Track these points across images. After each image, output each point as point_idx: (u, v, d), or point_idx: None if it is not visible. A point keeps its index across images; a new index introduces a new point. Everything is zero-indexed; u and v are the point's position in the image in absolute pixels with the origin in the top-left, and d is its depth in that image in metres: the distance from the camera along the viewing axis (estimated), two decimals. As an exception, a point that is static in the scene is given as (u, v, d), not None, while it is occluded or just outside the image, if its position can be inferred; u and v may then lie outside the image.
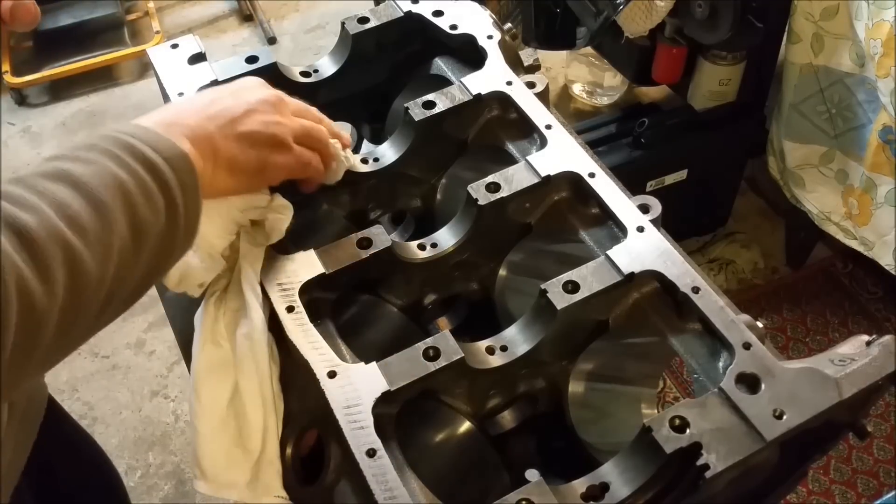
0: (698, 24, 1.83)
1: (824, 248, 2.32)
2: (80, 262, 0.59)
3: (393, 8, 1.10)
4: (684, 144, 2.10)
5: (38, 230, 0.57)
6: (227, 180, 0.79)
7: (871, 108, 1.82)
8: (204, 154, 0.75)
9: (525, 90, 1.00)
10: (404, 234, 1.08)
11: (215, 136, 0.76)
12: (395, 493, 0.69)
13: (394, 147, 1.00)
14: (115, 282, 0.63)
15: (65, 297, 0.59)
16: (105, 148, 0.66)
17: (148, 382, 2.26)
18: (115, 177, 0.64)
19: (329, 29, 3.23)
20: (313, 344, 0.79)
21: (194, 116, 0.76)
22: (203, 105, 0.78)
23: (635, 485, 0.70)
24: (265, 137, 0.80)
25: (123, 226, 0.63)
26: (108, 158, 0.65)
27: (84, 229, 0.60)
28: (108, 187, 0.63)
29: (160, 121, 0.73)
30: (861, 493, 1.91)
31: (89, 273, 0.60)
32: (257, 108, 0.80)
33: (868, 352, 0.76)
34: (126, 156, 0.66)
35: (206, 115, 0.77)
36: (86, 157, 0.65)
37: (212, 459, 0.81)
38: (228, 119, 0.78)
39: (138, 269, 0.67)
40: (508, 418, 0.89)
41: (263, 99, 0.82)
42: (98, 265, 0.61)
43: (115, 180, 0.64)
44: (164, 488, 2.06)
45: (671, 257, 0.83)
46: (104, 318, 0.66)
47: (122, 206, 0.64)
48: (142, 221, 0.65)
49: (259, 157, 0.80)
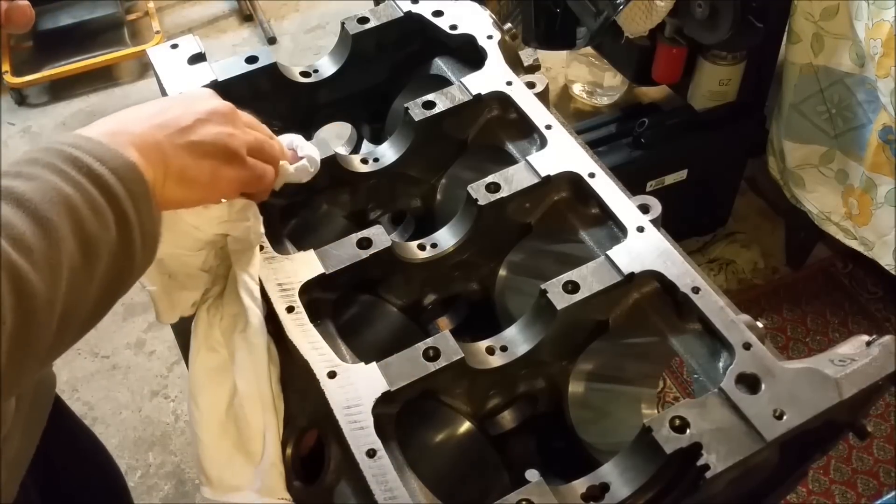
0: (698, 24, 1.83)
1: (824, 248, 2.32)
2: (26, 283, 0.57)
3: (393, 8, 1.10)
4: (684, 144, 2.10)
5: None
6: (178, 191, 0.75)
7: (871, 108, 1.82)
8: (153, 163, 0.71)
9: (525, 90, 1.00)
10: (404, 234, 1.08)
11: (164, 144, 0.73)
12: (395, 494, 0.69)
13: (394, 147, 1.00)
14: (68, 302, 0.61)
15: (13, 321, 0.56)
16: (48, 162, 0.63)
17: (148, 382, 2.26)
18: (59, 192, 0.61)
19: (329, 29, 3.23)
20: (313, 344, 0.79)
21: (141, 124, 0.73)
22: (151, 113, 0.75)
23: (635, 485, 0.70)
24: (217, 148, 0.76)
25: (71, 243, 0.61)
26: (52, 173, 0.62)
27: (30, 249, 0.58)
28: (53, 203, 0.60)
29: (105, 130, 0.70)
30: (861, 493, 1.91)
31: (38, 295, 0.58)
32: (209, 118, 0.77)
33: (868, 352, 0.76)
34: (70, 169, 0.63)
35: (154, 124, 0.73)
36: (28, 172, 0.62)
37: (216, 465, 0.81)
38: (179, 128, 0.74)
39: (94, 287, 0.64)
40: (508, 418, 0.89)
41: (215, 109, 0.79)
42: (47, 287, 0.58)
43: (59, 195, 0.61)
44: (164, 488, 2.06)
45: (671, 257, 0.83)
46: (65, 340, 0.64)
47: (69, 222, 0.61)
48: (91, 237, 0.62)
49: (211, 167, 0.76)
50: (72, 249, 0.61)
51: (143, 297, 2.40)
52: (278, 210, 0.97)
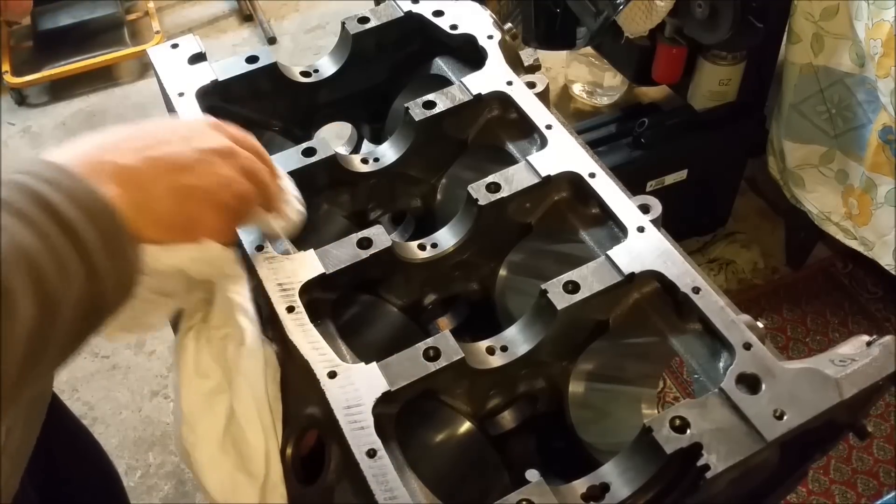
0: (698, 24, 1.83)
1: (824, 248, 2.32)
2: None
3: (393, 8, 1.10)
4: (684, 144, 2.10)
5: None
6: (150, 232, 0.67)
7: (871, 108, 1.82)
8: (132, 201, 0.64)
9: (525, 90, 1.00)
10: (404, 234, 1.08)
11: (150, 185, 0.66)
12: (395, 494, 0.69)
13: (394, 147, 1.00)
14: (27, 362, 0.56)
15: None
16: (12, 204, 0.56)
17: (148, 382, 2.26)
18: (20, 245, 0.54)
19: (329, 29, 3.23)
20: (313, 344, 0.79)
21: (132, 156, 0.66)
22: (145, 143, 0.68)
23: (636, 485, 0.70)
24: (209, 196, 0.70)
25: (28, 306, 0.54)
26: (15, 217, 0.55)
27: None
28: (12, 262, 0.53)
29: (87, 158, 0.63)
30: (861, 493, 1.91)
31: None
32: (209, 159, 0.70)
33: (868, 352, 0.76)
34: (37, 212, 0.56)
35: (146, 156, 0.67)
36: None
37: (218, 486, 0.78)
38: (174, 167, 0.68)
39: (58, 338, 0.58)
40: (508, 418, 0.89)
41: (215, 149, 0.72)
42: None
43: (20, 250, 0.54)
44: (164, 488, 2.06)
45: (671, 257, 0.83)
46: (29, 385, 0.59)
47: (29, 282, 0.54)
48: (51, 294, 0.56)
49: (193, 214, 0.70)
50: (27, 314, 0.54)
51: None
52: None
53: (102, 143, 0.67)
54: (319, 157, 0.95)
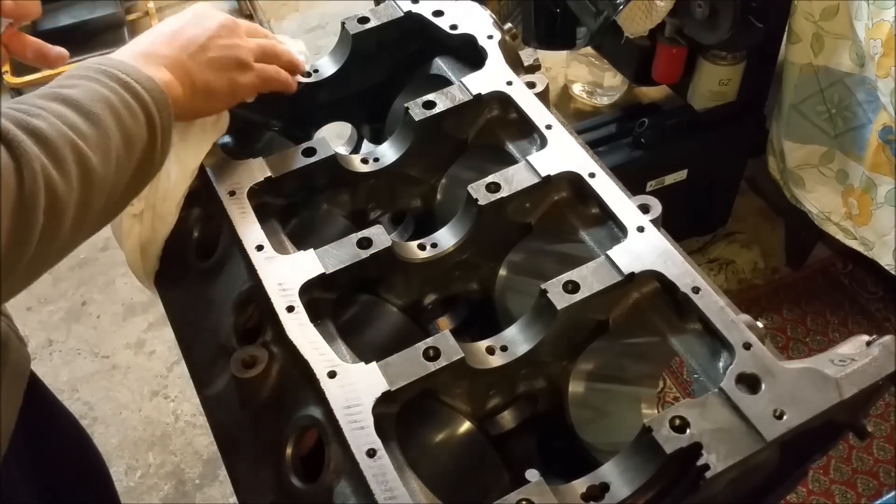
0: (698, 24, 1.83)
1: (824, 248, 2.32)
2: (87, 160, 0.69)
3: (393, 8, 1.10)
4: (684, 144, 2.10)
5: (50, 131, 0.67)
6: (204, 104, 0.89)
7: (871, 108, 1.82)
8: (181, 81, 0.84)
9: (525, 90, 1.00)
10: (404, 234, 1.08)
11: (188, 64, 0.85)
12: (395, 493, 0.69)
13: (394, 147, 1.00)
14: (113, 183, 0.73)
15: (79, 190, 0.68)
16: (84, 74, 0.75)
17: (148, 382, 2.26)
18: (100, 93, 0.73)
19: (329, 29, 3.23)
20: (313, 344, 0.79)
21: (166, 47, 0.85)
22: (171, 35, 0.86)
23: (635, 485, 0.70)
24: (230, 61, 0.88)
25: (116, 134, 0.72)
26: (90, 81, 0.74)
27: (84, 135, 0.69)
28: (97, 102, 0.72)
29: (138, 52, 0.83)
30: (861, 493, 1.91)
31: (96, 171, 0.70)
32: (219, 33, 0.88)
33: (868, 352, 0.76)
34: (105, 78, 0.75)
35: (177, 45, 0.85)
36: (69, 83, 0.73)
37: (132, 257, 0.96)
38: (197, 47, 0.86)
39: (128, 176, 0.76)
40: (508, 418, 0.89)
41: (222, 24, 0.89)
42: (101, 165, 0.70)
43: (100, 96, 0.73)
44: (164, 488, 2.06)
45: (671, 257, 0.83)
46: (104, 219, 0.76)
47: (112, 117, 0.72)
48: (129, 130, 0.74)
49: (229, 79, 0.89)
50: (117, 139, 0.73)
51: (142, 297, 2.40)
52: (278, 210, 0.97)
53: (144, 43, 0.85)
54: (319, 157, 0.95)
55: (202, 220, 0.97)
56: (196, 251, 0.97)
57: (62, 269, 2.47)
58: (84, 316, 2.41)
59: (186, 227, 0.97)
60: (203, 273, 0.95)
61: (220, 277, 0.93)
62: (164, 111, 0.79)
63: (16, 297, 0.71)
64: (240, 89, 0.91)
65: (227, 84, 0.89)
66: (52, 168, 0.66)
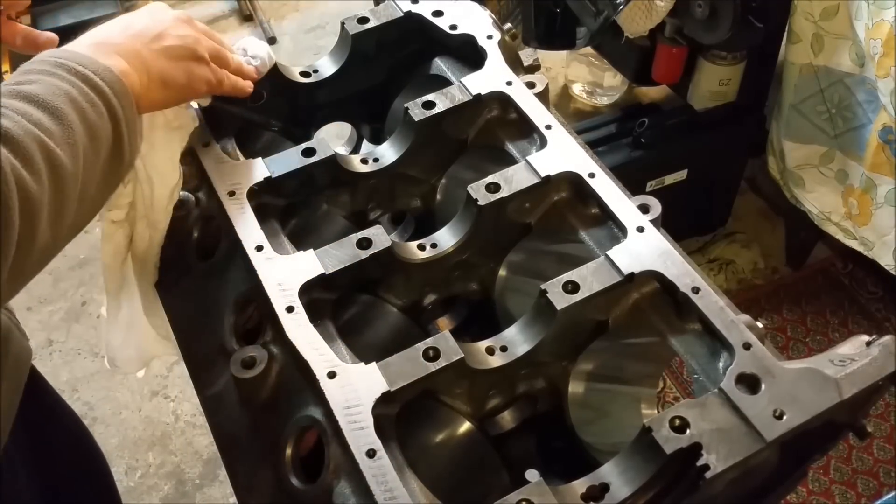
0: (698, 24, 1.83)
1: (824, 248, 2.32)
2: (55, 157, 0.68)
3: (393, 8, 1.10)
4: (684, 144, 2.10)
5: (16, 130, 0.65)
6: (160, 93, 0.86)
7: (870, 108, 1.82)
8: (136, 69, 0.82)
9: (525, 90, 0.99)
10: (404, 234, 1.08)
11: (143, 52, 0.84)
12: (395, 494, 0.69)
13: (394, 147, 0.99)
14: (84, 180, 0.72)
15: (50, 188, 0.67)
16: (41, 69, 0.74)
17: (148, 382, 2.26)
18: (60, 88, 0.72)
19: (329, 29, 3.23)
20: (313, 344, 0.79)
21: (121, 36, 0.84)
22: (124, 26, 0.86)
23: (635, 485, 0.70)
24: (186, 51, 0.88)
25: (80, 128, 0.71)
26: (48, 76, 0.73)
27: (50, 132, 0.68)
28: (58, 97, 0.71)
29: (90, 43, 0.81)
30: (861, 493, 1.91)
31: (65, 167, 0.68)
32: (174, 24, 0.88)
33: (868, 352, 0.76)
34: (63, 72, 0.74)
35: (130, 34, 0.85)
36: (28, 78, 0.72)
37: None
38: (152, 36, 0.86)
39: (99, 171, 0.75)
40: (508, 418, 0.89)
41: (176, 17, 0.90)
42: (70, 161, 0.69)
43: (61, 91, 0.72)
44: (164, 488, 2.06)
45: (671, 257, 0.83)
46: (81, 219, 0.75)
47: (75, 111, 0.71)
48: (93, 123, 0.73)
49: (185, 69, 0.88)
50: (81, 134, 0.71)
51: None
52: (278, 210, 0.97)
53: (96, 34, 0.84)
54: (319, 157, 0.95)
55: (202, 220, 0.97)
56: (196, 252, 0.97)
57: (62, 269, 2.47)
58: (84, 316, 2.41)
59: (186, 227, 0.97)
60: (203, 274, 0.95)
61: (219, 278, 0.93)
62: (124, 100, 0.78)
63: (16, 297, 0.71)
64: (196, 81, 0.89)
65: (182, 74, 0.87)
66: (21, 168, 0.64)
